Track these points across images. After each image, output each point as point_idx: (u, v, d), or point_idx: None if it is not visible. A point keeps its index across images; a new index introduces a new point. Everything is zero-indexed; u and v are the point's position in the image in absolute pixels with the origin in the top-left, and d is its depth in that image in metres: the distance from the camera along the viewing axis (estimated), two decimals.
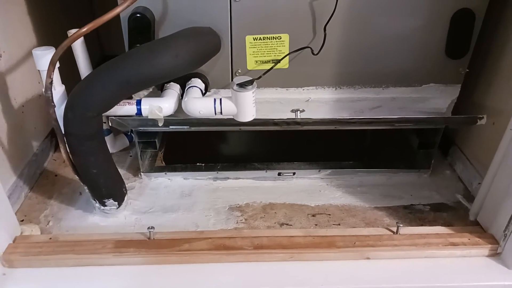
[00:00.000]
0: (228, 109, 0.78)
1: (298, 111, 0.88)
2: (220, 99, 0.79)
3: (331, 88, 0.90)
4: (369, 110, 0.93)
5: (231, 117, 0.81)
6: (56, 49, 0.70)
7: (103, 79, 0.73)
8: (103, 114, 0.77)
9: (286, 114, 0.91)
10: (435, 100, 0.92)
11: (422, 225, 0.90)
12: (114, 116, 0.83)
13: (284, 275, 0.75)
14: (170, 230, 0.87)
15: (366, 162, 1.05)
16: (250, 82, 0.76)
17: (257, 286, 0.73)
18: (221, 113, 0.79)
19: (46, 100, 0.72)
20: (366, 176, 1.03)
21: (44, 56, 0.77)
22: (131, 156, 1.12)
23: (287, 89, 0.90)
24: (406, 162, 1.05)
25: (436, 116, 0.92)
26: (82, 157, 0.77)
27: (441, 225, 0.90)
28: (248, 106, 0.77)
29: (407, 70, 0.89)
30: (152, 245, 0.77)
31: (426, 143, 1.01)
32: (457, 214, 0.93)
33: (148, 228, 0.78)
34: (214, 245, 0.77)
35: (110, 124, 0.85)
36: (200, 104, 0.79)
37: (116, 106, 0.78)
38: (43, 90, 0.72)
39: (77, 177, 0.82)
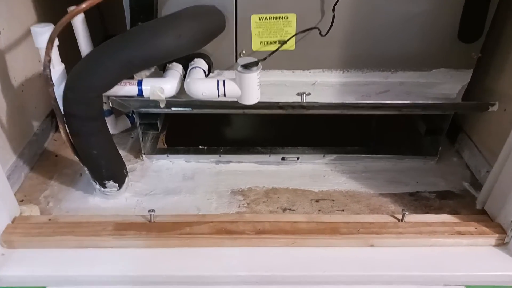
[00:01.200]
0: (232, 91, 0.76)
1: (304, 94, 0.85)
2: (224, 81, 0.77)
3: (338, 71, 0.87)
4: (376, 95, 0.91)
5: (235, 99, 0.79)
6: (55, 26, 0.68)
7: (105, 59, 0.70)
8: (103, 94, 0.75)
9: (291, 97, 0.89)
10: (445, 86, 0.89)
11: (427, 212, 0.89)
12: (115, 96, 0.81)
13: (286, 260, 0.74)
14: (171, 213, 0.86)
15: (371, 147, 1.03)
16: (255, 64, 0.73)
17: (259, 270, 0.72)
18: (224, 95, 0.77)
19: (44, 78, 0.70)
20: (372, 162, 1.02)
21: (43, 33, 0.75)
22: (132, 137, 1.11)
23: (293, 72, 0.87)
24: (413, 149, 1.03)
25: (446, 102, 0.89)
26: (82, 138, 0.76)
27: (447, 213, 0.88)
28: (252, 88, 0.75)
29: (417, 54, 0.86)
30: (153, 228, 0.76)
31: (434, 130, 0.99)
32: (464, 202, 0.92)
33: (149, 211, 0.77)
34: (216, 229, 0.76)
35: (110, 105, 0.83)
36: (203, 86, 0.77)
37: (117, 86, 0.76)
38: (42, 68, 0.70)
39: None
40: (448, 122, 0.96)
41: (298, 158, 1.00)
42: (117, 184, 0.86)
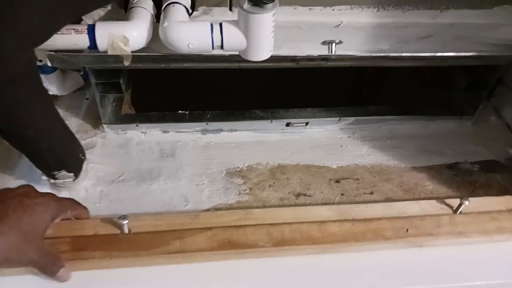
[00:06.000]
0: (233, 41, 0.51)
1: (333, 44, 0.61)
2: (220, 25, 0.51)
3: (371, 9, 0.64)
4: (416, 41, 0.68)
5: (236, 53, 0.54)
6: None
7: None
8: (36, 49, 0.49)
9: (307, 45, 0.65)
10: (506, 28, 0.68)
11: (473, 191, 0.72)
12: (54, 50, 0.54)
13: (313, 273, 0.55)
14: (149, 208, 0.64)
15: (396, 107, 0.82)
16: None
17: None
18: (221, 47, 0.52)
19: None
20: (397, 125, 0.82)
21: None
22: (88, 99, 0.84)
23: (310, 9, 0.63)
24: (445, 107, 0.84)
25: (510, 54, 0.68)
26: (8, 114, 0.50)
27: (497, 191, 0.72)
28: (265, 37, 0.51)
29: None
30: (127, 243, 0.54)
31: (477, 84, 0.79)
32: None
33: (120, 217, 0.54)
34: (217, 241, 0.54)
35: (49, 64, 0.56)
36: (190, 33, 0.52)
37: (56, 35, 0.49)
38: None
39: None
40: (497, 75, 0.77)
41: (307, 124, 0.79)
42: (72, 174, 0.62)
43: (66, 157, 0.60)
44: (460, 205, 0.60)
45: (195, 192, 0.68)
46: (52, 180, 0.63)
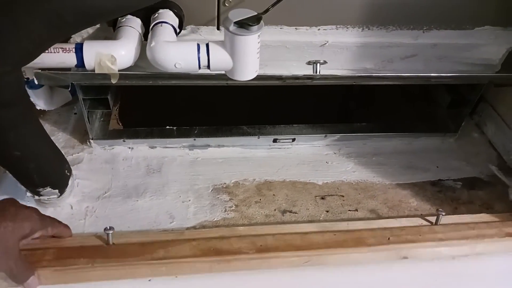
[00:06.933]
0: (220, 61, 0.52)
1: (318, 64, 0.62)
2: (207, 46, 0.52)
3: (356, 29, 0.65)
4: (400, 60, 0.70)
5: (222, 72, 0.55)
6: None
7: (18, 13, 0.44)
8: (23, 68, 0.49)
9: (293, 64, 0.66)
10: (486, 48, 0.70)
11: (456, 208, 0.73)
12: (41, 69, 0.54)
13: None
14: (134, 225, 0.64)
15: (381, 124, 0.84)
16: (256, 20, 0.49)
17: None
18: (208, 67, 0.53)
19: None
20: (382, 142, 0.83)
21: None
22: (76, 113, 0.84)
23: (296, 29, 0.64)
24: (429, 124, 0.86)
25: (491, 74, 0.70)
26: None
27: (479, 207, 0.73)
28: (250, 58, 0.52)
29: (458, 7, 0.65)
30: (112, 253, 0.54)
31: (460, 101, 0.80)
32: (495, 192, 0.76)
33: (105, 229, 0.54)
34: (200, 249, 0.55)
35: (36, 82, 0.56)
36: (177, 53, 0.52)
37: (44, 54, 0.50)
38: None
39: None
40: (479, 93, 0.79)
41: (293, 140, 0.80)
42: (56, 190, 0.62)
43: (52, 175, 0.60)
44: (438, 216, 0.61)
45: (181, 209, 0.68)
46: (36, 197, 0.62)
